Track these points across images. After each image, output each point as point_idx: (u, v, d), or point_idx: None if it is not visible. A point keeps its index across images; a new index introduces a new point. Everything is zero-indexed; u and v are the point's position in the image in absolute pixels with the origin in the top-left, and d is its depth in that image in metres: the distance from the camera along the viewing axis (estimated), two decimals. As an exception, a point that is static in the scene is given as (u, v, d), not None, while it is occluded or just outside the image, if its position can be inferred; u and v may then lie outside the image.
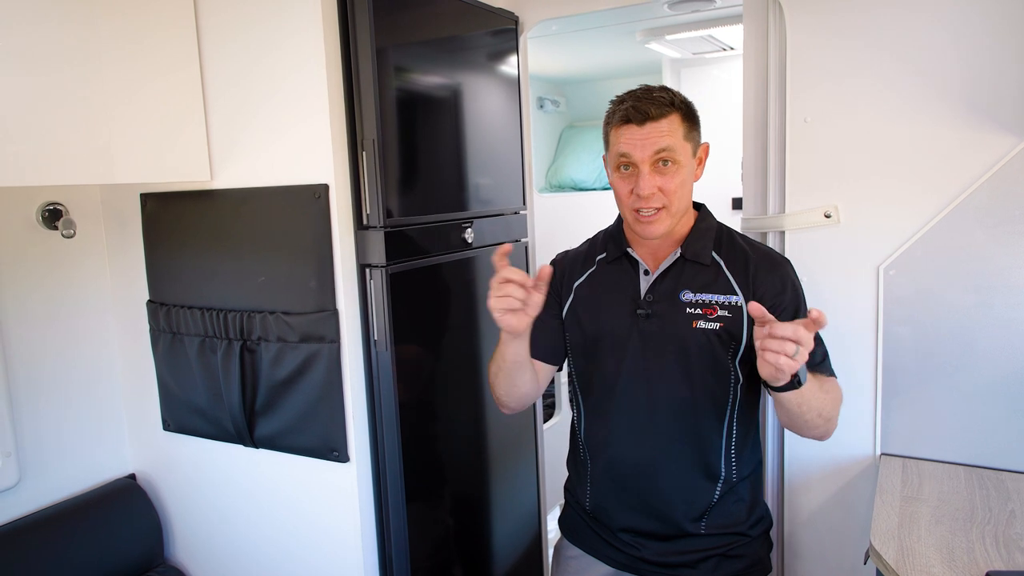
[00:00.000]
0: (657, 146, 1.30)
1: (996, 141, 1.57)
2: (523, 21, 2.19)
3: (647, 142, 1.30)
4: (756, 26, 1.85)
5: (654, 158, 1.31)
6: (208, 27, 1.67)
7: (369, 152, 1.58)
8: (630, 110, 1.32)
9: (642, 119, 1.30)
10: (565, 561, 1.58)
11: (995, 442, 1.63)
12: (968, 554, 1.27)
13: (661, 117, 1.30)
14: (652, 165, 1.31)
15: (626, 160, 1.33)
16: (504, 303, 1.24)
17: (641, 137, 1.31)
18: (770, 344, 1.10)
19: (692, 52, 3.60)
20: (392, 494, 1.69)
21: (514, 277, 1.23)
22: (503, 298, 1.23)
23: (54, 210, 1.81)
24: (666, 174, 1.32)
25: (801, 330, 1.08)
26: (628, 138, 1.32)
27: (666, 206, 1.33)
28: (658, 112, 1.30)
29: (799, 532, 1.87)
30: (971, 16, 1.57)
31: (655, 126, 1.30)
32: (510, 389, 1.46)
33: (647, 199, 1.32)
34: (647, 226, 1.35)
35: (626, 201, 1.36)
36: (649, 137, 1.30)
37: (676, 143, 1.31)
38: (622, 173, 1.35)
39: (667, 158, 1.31)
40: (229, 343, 1.72)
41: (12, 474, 1.74)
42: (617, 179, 1.37)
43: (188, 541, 1.99)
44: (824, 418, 1.31)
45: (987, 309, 1.61)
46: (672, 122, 1.32)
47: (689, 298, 1.37)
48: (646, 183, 1.31)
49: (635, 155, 1.31)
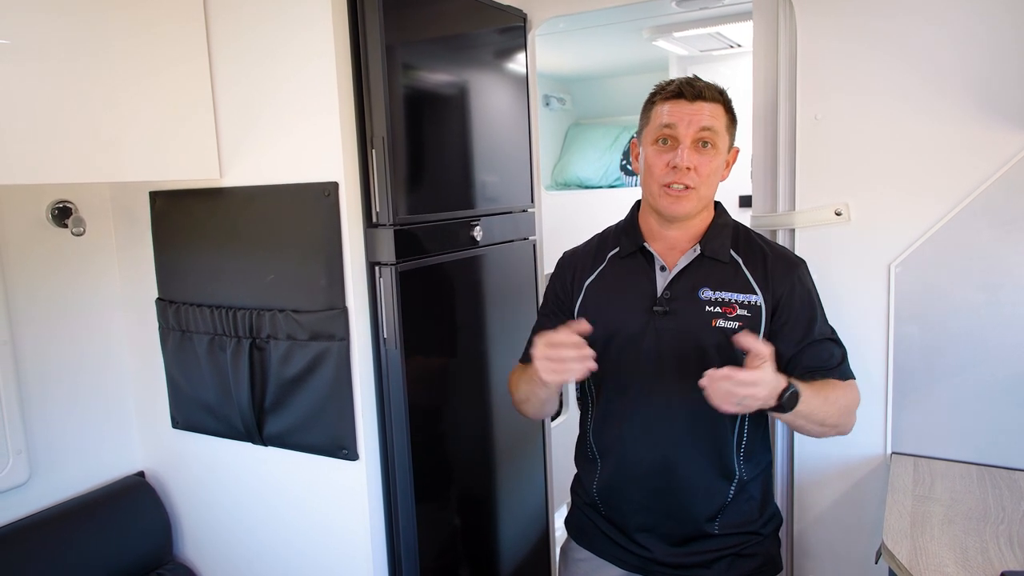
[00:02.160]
0: (703, 123, 1.32)
1: (1006, 140, 1.57)
2: (531, 18, 2.18)
3: (695, 118, 1.31)
4: (766, 23, 1.84)
5: (697, 135, 1.32)
6: (217, 25, 1.67)
7: (379, 150, 1.58)
8: (684, 85, 1.34)
9: (694, 96, 1.32)
10: (574, 563, 1.56)
11: (1008, 441, 1.62)
12: (982, 554, 1.26)
13: (712, 100, 1.33)
14: (693, 142, 1.32)
15: (669, 132, 1.33)
16: (559, 368, 1.22)
17: (689, 112, 1.32)
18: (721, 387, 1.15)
19: (699, 49, 3.59)
20: (401, 492, 1.69)
21: (569, 341, 1.21)
22: (558, 363, 1.22)
23: (64, 208, 1.81)
24: (704, 155, 1.33)
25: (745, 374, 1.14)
26: (676, 110, 1.33)
27: (696, 187, 1.33)
28: (710, 95, 1.33)
29: (810, 531, 1.86)
30: (980, 15, 1.56)
31: (704, 106, 1.32)
32: (537, 411, 1.49)
33: (682, 173, 1.32)
34: (675, 202, 1.34)
35: (658, 174, 1.35)
36: (697, 114, 1.32)
37: (719, 128, 1.33)
38: (660, 147, 1.35)
39: (708, 139, 1.32)
40: (238, 341, 1.72)
41: (22, 472, 1.74)
42: (652, 152, 1.36)
43: (197, 538, 2.00)
44: (829, 425, 1.31)
45: (997, 307, 1.60)
46: (718, 109, 1.34)
47: (708, 296, 1.36)
48: (685, 155, 1.31)
49: (680, 127, 1.32)
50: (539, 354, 1.23)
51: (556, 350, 1.22)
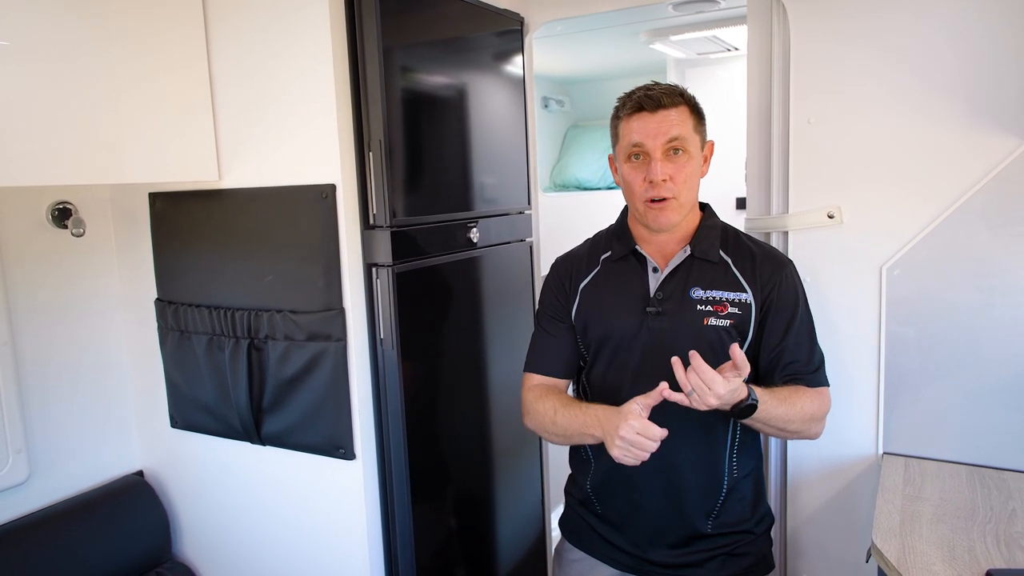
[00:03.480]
0: (669, 134, 1.32)
1: (998, 142, 1.58)
2: (528, 22, 2.20)
3: (660, 129, 1.32)
4: (760, 27, 1.85)
5: (666, 146, 1.33)
6: (216, 28, 1.69)
7: (376, 152, 1.59)
8: (643, 98, 1.34)
9: (655, 106, 1.33)
10: (568, 564, 1.58)
11: (997, 441, 1.63)
12: (969, 552, 1.28)
13: (672, 106, 1.33)
14: (664, 153, 1.33)
15: (639, 149, 1.34)
16: (637, 456, 1.25)
17: (654, 124, 1.33)
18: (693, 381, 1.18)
19: (697, 52, 3.60)
20: (398, 491, 1.70)
21: (658, 435, 1.24)
22: (639, 452, 1.25)
23: (64, 209, 1.82)
24: (677, 163, 1.34)
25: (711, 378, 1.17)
26: (641, 126, 1.33)
27: (676, 196, 1.35)
28: (670, 101, 1.33)
29: (802, 530, 1.88)
30: (973, 18, 1.57)
31: (667, 114, 1.33)
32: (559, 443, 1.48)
33: (659, 186, 1.33)
34: (659, 214, 1.36)
35: (638, 191, 1.37)
36: (662, 125, 1.32)
37: (687, 133, 1.34)
38: (633, 163, 1.36)
39: (678, 147, 1.34)
40: (237, 341, 1.73)
41: (22, 471, 1.76)
42: (628, 170, 1.38)
43: (195, 537, 2.01)
44: (790, 431, 1.34)
45: (989, 309, 1.61)
46: (682, 112, 1.34)
47: (699, 295, 1.38)
48: (658, 169, 1.32)
49: (648, 143, 1.33)
50: (628, 436, 1.24)
51: (642, 441, 1.23)
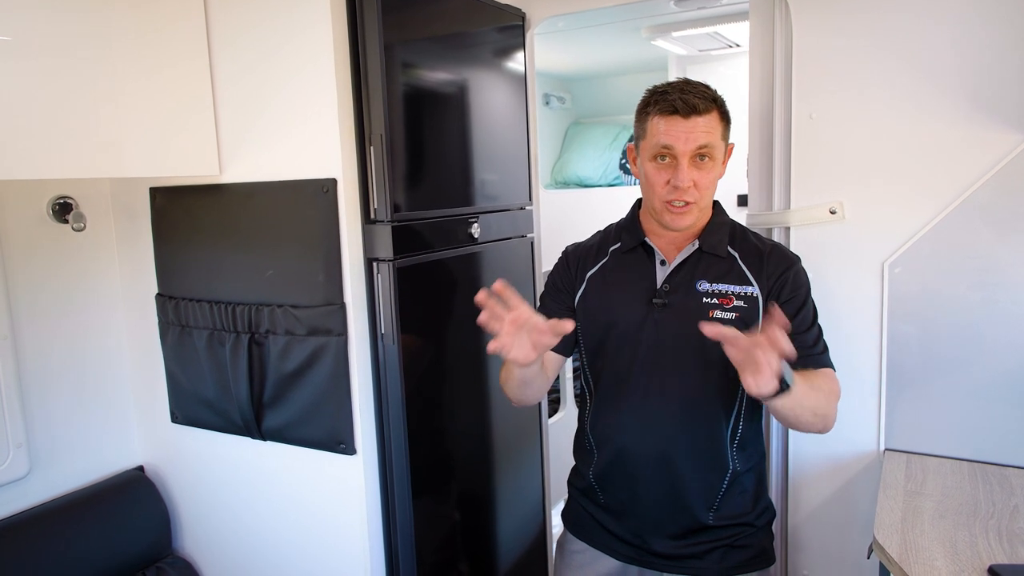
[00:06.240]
0: (700, 142, 1.32)
1: (1000, 139, 1.58)
2: (530, 17, 2.19)
3: (691, 136, 1.32)
4: (762, 23, 1.85)
5: (694, 153, 1.33)
6: (217, 22, 1.68)
7: (377, 147, 1.59)
8: (678, 101, 1.32)
9: (688, 112, 1.32)
10: (570, 555, 1.58)
11: (999, 438, 1.63)
12: (971, 548, 1.27)
13: (706, 112, 1.32)
14: (691, 160, 1.33)
15: (667, 152, 1.34)
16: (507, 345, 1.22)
17: (686, 130, 1.32)
18: (758, 356, 1.12)
19: (698, 49, 3.60)
20: (398, 486, 1.70)
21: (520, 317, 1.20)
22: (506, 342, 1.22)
23: (64, 204, 1.82)
24: (702, 169, 1.34)
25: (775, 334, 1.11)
26: (672, 129, 1.32)
27: (696, 201, 1.35)
28: (704, 107, 1.32)
29: (803, 525, 1.88)
30: (975, 15, 1.57)
31: (699, 120, 1.32)
32: (521, 394, 1.49)
33: (683, 192, 1.33)
34: (677, 217, 1.37)
35: (659, 192, 1.37)
36: (693, 132, 1.32)
37: (715, 140, 1.34)
38: (659, 164, 1.36)
39: (706, 154, 1.33)
40: (237, 336, 1.73)
41: (22, 465, 1.76)
42: (652, 169, 1.37)
43: (196, 532, 2.01)
44: (820, 415, 1.32)
45: (991, 305, 1.61)
46: (713, 119, 1.34)
47: (706, 288, 1.39)
48: (684, 175, 1.32)
49: (678, 147, 1.32)
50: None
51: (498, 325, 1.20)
